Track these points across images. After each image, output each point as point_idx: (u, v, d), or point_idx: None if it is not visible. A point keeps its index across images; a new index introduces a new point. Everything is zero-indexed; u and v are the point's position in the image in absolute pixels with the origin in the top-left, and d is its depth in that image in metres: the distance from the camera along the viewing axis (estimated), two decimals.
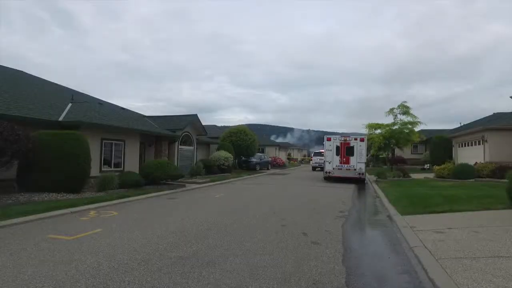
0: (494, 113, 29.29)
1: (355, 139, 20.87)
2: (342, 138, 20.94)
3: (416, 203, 10.24)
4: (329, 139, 21.04)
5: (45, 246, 5.54)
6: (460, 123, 40.19)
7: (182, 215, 8.55)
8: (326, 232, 7.06)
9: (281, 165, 40.38)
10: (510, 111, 26.30)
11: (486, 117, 29.68)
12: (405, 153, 37.15)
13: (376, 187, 17.19)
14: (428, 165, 29.30)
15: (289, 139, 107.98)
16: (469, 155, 22.81)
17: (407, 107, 26.25)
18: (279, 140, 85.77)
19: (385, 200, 11.93)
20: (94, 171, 13.03)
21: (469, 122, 33.83)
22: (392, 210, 9.71)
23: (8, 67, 18.46)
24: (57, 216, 8.09)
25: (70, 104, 15.34)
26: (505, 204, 9.01)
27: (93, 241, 5.86)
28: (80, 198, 10.43)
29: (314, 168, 36.64)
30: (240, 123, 54.16)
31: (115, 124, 14.80)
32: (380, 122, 27.52)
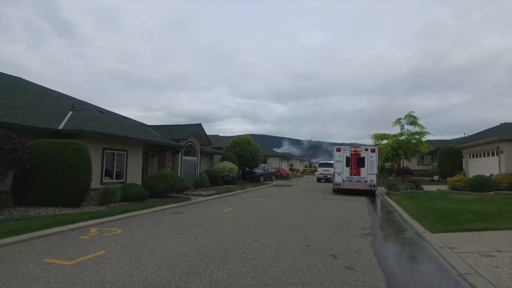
0: (501, 123, 28.68)
1: (366, 149, 20.13)
2: (352, 149, 20.17)
3: (444, 219, 9.48)
4: (338, 150, 20.26)
5: (40, 274, 4.73)
6: (465, 133, 39.55)
7: (192, 234, 7.74)
8: (357, 253, 6.29)
9: (285, 176, 39.52)
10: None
11: (494, 127, 29.02)
12: (412, 163, 36.44)
13: (389, 200, 16.39)
14: (437, 176, 28.52)
15: (289, 149, 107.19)
16: (482, 166, 22.07)
17: (415, 117, 25.63)
18: (279, 150, 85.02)
19: (405, 215, 11.16)
20: (95, 182, 12.23)
21: (473, 133, 33.15)
22: (418, 227, 8.99)
23: (6, 74, 17.76)
24: (55, 234, 7.27)
25: (70, 112, 14.62)
26: None
27: (96, 267, 5.06)
28: (80, 213, 9.61)
29: (319, 180, 35.83)
30: (240, 134, 53.40)
31: (118, 134, 14.04)
32: (382, 132, 27.01)
